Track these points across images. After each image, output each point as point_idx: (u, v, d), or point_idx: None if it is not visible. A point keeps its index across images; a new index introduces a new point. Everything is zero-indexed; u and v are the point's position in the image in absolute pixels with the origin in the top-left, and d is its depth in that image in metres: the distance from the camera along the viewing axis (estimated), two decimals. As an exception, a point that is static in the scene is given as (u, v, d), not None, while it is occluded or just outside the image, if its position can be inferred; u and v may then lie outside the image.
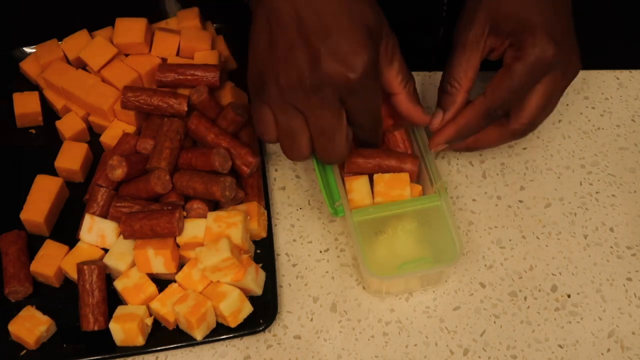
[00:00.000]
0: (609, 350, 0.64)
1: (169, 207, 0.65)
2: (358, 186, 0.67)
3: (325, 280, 0.68)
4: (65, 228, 0.69)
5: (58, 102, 0.74)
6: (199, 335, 0.63)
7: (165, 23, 0.78)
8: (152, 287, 0.64)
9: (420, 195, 0.67)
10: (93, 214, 0.66)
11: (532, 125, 0.66)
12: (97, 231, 0.65)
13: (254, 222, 0.66)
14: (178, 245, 0.65)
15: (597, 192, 0.73)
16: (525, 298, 0.67)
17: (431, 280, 0.66)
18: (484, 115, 0.65)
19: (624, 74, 0.80)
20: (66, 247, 0.66)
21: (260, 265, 0.66)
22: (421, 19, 0.84)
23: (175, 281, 0.64)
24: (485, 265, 0.69)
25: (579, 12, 0.87)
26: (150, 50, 0.75)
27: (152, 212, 0.64)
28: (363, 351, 0.64)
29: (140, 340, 0.62)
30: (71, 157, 0.70)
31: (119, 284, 0.64)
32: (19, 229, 0.67)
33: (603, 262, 0.69)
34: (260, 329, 0.63)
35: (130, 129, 0.72)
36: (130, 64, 0.74)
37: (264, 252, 0.67)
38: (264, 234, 0.68)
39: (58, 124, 0.73)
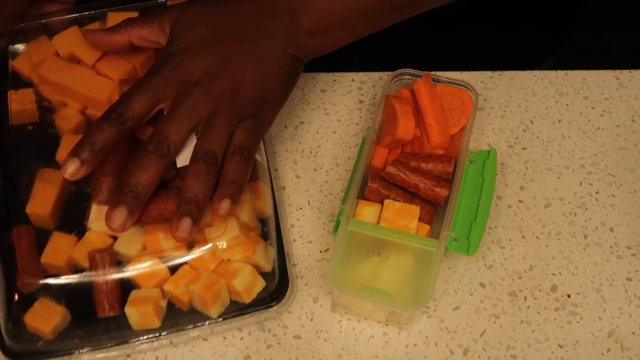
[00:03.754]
0: (609, 350, 0.64)
1: (175, 191, 0.65)
2: (366, 213, 0.66)
3: (325, 280, 0.68)
4: (68, 220, 0.68)
5: (54, 98, 0.74)
6: (214, 313, 0.63)
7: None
8: (164, 270, 0.64)
9: (427, 236, 0.66)
10: (99, 203, 0.66)
11: (210, 148, 0.62)
12: (104, 219, 0.66)
13: (259, 200, 0.66)
14: None
15: (597, 192, 0.73)
16: (525, 298, 0.67)
17: (394, 318, 0.65)
18: (112, 121, 0.63)
19: (624, 74, 0.80)
20: (74, 238, 0.66)
21: (268, 242, 0.66)
22: None
23: (186, 263, 0.64)
24: (485, 265, 0.69)
25: (579, 12, 0.87)
26: None
27: (159, 197, 0.64)
28: (363, 351, 0.64)
29: (156, 323, 0.63)
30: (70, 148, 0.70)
31: (130, 270, 0.64)
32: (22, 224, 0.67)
33: (603, 262, 0.69)
34: (274, 303, 0.64)
35: None
36: (124, 56, 0.74)
37: (270, 230, 0.67)
38: (269, 212, 0.68)
39: (56, 118, 0.73)
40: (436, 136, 0.70)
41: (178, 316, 0.64)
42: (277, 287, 0.65)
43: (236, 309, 0.64)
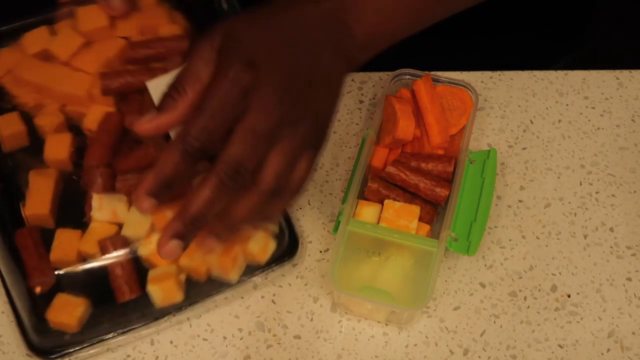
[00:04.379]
0: (609, 350, 0.64)
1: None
2: (366, 213, 0.67)
3: (325, 280, 0.68)
4: (66, 216, 0.68)
5: (31, 100, 0.73)
6: (234, 277, 0.64)
7: None
8: None
9: (427, 236, 0.66)
10: (97, 192, 0.67)
11: (278, 182, 0.56)
12: (107, 208, 0.66)
13: None
14: None
15: (597, 192, 0.73)
16: (525, 298, 0.67)
17: (394, 318, 0.65)
18: (180, 152, 0.54)
19: (624, 74, 0.80)
20: (79, 232, 0.66)
21: None
22: None
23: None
24: (485, 265, 0.69)
25: (579, 11, 0.87)
26: (114, 33, 0.75)
27: (134, 151, 0.66)
28: (363, 351, 0.64)
29: (179, 296, 0.64)
30: (58, 148, 0.70)
31: (144, 251, 0.65)
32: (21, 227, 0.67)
33: (603, 262, 0.69)
34: (286, 259, 0.66)
35: (110, 109, 0.71)
36: (97, 50, 0.73)
37: None
38: None
39: (37, 120, 0.72)
40: (436, 136, 0.70)
41: (198, 287, 0.65)
42: (288, 245, 0.67)
43: (254, 270, 0.66)
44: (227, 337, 0.65)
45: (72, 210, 0.68)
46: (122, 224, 0.66)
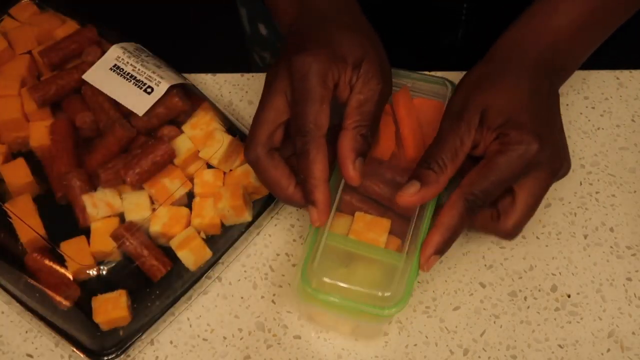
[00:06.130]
0: (609, 350, 0.64)
1: (152, 141, 0.68)
2: (337, 225, 0.63)
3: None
4: (58, 234, 0.67)
5: None
6: (249, 216, 0.67)
7: (4, 25, 0.77)
8: (184, 211, 0.67)
9: (398, 250, 0.63)
10: (106, 185, 0.67)
11: (519, 227, 0.63)
12: (101, 203, 0.66)
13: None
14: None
15: (597, 192, 0.73)
16: (525, 298, 0.67)
17: (360, 331, 0.63)
18: (465, 211, 0.60)
19: (624, 74, 0.80)
20: (83, 237, 0.66)
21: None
22: (440, 20, 0.84)
23: (194, 197, 0.67)
24: (485, 265, 0.69)
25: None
26: (15, 52, 0.75)
27: (144, 150, 0.66)
28: (363, 351, 0.64)
29: (208, 253, 0.66)
30: (18, 174, 0.69)
31: (155, 226, 0.65)
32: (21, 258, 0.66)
33: (603, 262, 0.69)
34: None
35: (50, 120, 0.71)
36: (8, 73, 0.73)
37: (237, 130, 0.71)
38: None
39: None
40: (411, 150, 0.67)
41: (218, 239, 0.67)
42: None
43: (262, 204, 0.69)
44: (227, 337, 0.65)
45: (60, 226, 0.67)
46: (121, 214, 0.66)
